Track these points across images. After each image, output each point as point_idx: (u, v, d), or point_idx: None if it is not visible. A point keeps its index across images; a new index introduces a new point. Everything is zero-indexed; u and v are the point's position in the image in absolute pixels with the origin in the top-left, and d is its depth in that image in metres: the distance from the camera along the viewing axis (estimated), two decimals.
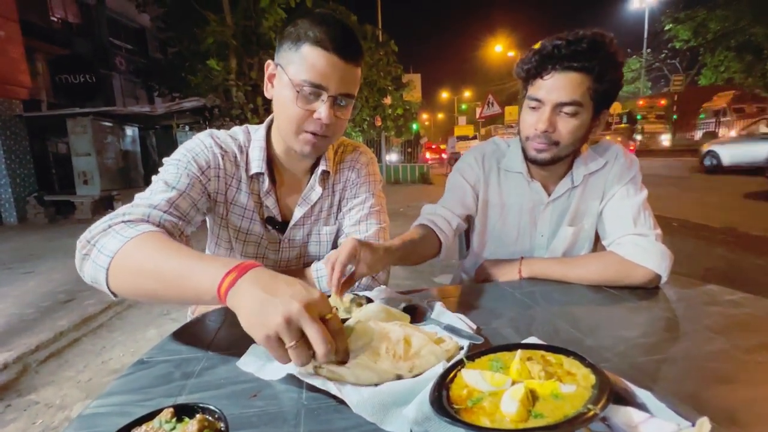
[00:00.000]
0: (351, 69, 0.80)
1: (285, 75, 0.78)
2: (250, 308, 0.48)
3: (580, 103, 0.87)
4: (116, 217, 0.69)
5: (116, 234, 0.64)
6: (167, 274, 0.58)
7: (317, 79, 0.76)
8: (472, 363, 0.48)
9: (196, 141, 0.88)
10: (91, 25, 12.88)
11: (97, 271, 0.63)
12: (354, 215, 0.98)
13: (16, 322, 2.64)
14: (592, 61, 0.84)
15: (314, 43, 0.76)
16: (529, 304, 0.81)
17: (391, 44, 11.36)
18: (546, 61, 0.87)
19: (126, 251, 0.62)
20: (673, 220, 4.97)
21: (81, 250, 0.66)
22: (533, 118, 0.92)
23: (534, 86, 0.91)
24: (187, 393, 0.52)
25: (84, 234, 0.67)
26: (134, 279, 0.62)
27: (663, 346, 0.62)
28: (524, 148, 0.98)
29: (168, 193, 0.78)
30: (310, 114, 0.79)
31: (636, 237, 0.91)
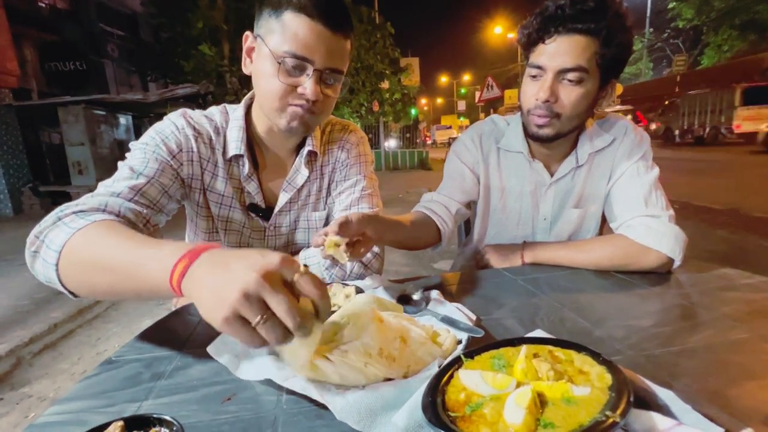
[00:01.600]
0: (339, 40, 0.71)
1: (265, 46, 0.70)
2: (203, 295, 0.40)
3: (586, 69, 0.79)
4: (68, 207, 0.62)
5: (64, 226, 0.58)
6: (116, 267, 0.51)
7: (301, 50, 0.68)
8: (471, 361, 0.43)
9: (166, 122, 0.81)
10: (80, 10, 12.53)
11: (48, 270, 0.57)
12: (344, 199, 0.91)
13: (10, 314, 2.61)
14: (599, 22, 0.76)
15: (297, 10, 0.67)
16: (533, 292, 0.75)
17: (387, 26, 11.08)
18: (548, 23, 0.79)
19: (72, 244, 0.56)
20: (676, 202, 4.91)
21: (30, 247, 0.59)
22: (534, 88, 0.84)
23: (535, 52, 0.83)
24: (154, 397, 0.47)
25: (34, 228, 0.60)
26: (83, 274, 0.56)
27: (680, 337, 0.57)
28: (525, 124, 0.91)
29: (133, 180, 0.71)
30: (294, 89, 0.71)
31: (647, 219, 0.84)
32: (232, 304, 0.37)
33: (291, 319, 0.38)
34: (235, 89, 6.53)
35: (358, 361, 0.45)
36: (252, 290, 0.37)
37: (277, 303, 0.38)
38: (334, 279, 0.82)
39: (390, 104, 12.64)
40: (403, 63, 15.91)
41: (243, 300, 0.37)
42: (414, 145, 15.80)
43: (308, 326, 0.40)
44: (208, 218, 0.86)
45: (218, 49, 6.57)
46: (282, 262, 0.40)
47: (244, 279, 0.38)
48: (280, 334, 0.39)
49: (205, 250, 0.44)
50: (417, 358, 0.48)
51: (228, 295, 0.37)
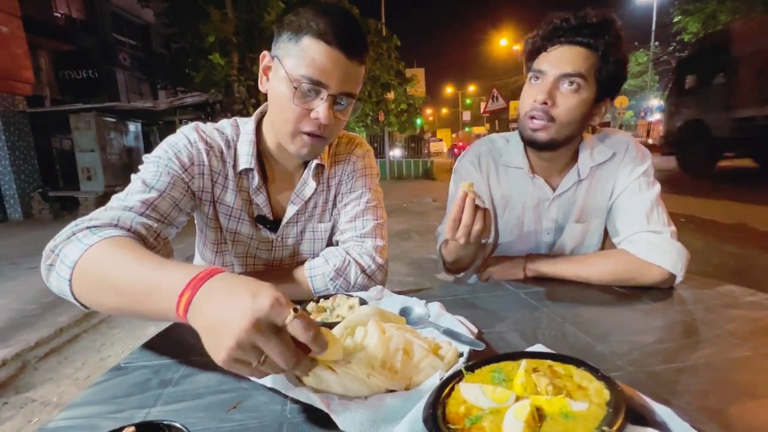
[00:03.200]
0: (355, 67, 0.74)
1: (282, 68, 0.72)
2: (204, 333, 0.43)
3: (584, 76, 0.83)
4: (82, 222, 0.63)
5: (78, 242, 0.59)
6: (125, 288, 0.52)
7: (317, 75, 0.70)
8: (472, 374, 0.44)
9: (179, 135, 0.83)
10: (95, 20, 12.87)
11: (62, 283, 0.58)
12: (350, 211, 0.93)
13: (17, 317, 2.64)
14: (599, 38, 0.82)
15: (316, 36, 0.69)
16: (535, 306, 0.76)
17: (393, 39, 11.25)
18: (552, 34, 0.85)
19: (85, 260, 0.57)
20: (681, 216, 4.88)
21: (46, 261, 0.61)
22: (533, 91, 0.87)
23: (538, 60, 0.88)
24: (162, 404, 0.48)
25: (49, 242, 0.62)
26: (95, 293, 0.57)
27: (682, 354, 0.57)
28: (521, 129, 0.92)
29: (145, 194, 0.72)
30: (307, 113, 0.73)
31: (649, 234, 0.85)
32: (228, 351, 0.40)
33: (285, 363, 0.41)
34: (242, 99, 6.64)
35: (361, 372, 0.46)
36: (244, 341, 0.40)
37: (269, 350, 0.41)
38: (339, 290, 0.83)
39: (395, 114, 12.75)
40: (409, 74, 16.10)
41: (237, 348, 0.40)
42: (419, 154, 15.88)
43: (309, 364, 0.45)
44: (217, 230, 0.88)
45: (228, 60, 6.70)
46: (271, 308, 0.41)
47: (235, 330, 0.40)
48: (278, 371, 0.43)
49: (207, 278, 0.45)
50: (419, 370, 0.49)
51: (224, 342, 0.40)
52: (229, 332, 0.40)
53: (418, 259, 3.87)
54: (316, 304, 0.71)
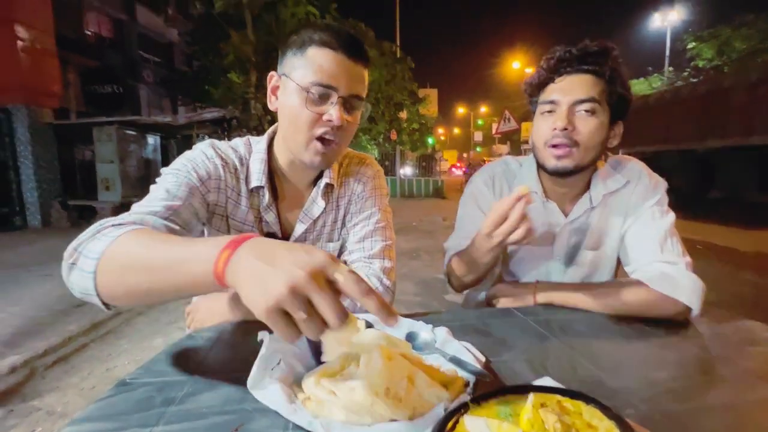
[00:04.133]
0: (359, 69, 0.78)
1: (291, 82, 0.76)
2: (248, 282, 0.42)
3: (597, 100, 0.85)
4: (107, 222, 0.64)
5: (103, 236, 0.59)
6: (157, 264, 0.52)
7: (326, 79, 0.74)
8: (477, 407, 0.43)
9: (196, 151, 0.86)
10: (122, 39, 13.52)
11: (84, 279, 0.57)
12: (358, 231, 0.94)
13: (29, 324, 2.68)
14: (603, 65, 0.84)
15: (320, 44, 0.74)
16: (545, 335, 0.74)
17: (407, 61, 11.51)
18: (558, 65, 0.87)
19: (112, 249, 0.57)
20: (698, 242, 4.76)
21: (67, 260, 0.60)
22: (548, 121, 0.88)
23: (546, 92, 0.90)
24: (164, 423, 0.48)
25: (72, 242, 0.62)
26: (122, 277, 0.56)
27: (698, 393, 0.55)
28: (541, 159, 0.92)
29: (168, 201, 0.74)
30: (320, 117, 0.76)
31: (663, 265, 0.83)
32: (277, 297, 0.39)
33: (335, 319, 0.40)
34: (258, 115, 6.82)
35: (364, 399, 0.45)
36: (299, 287, 0.39)
37: (323, 302, 0.39)
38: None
39: (408, 133, 12.91)
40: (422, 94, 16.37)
41: (289, 295, 0.39)
42: (430, 173, 15.96)
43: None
44: None
45: (245, 78, 6.93)
46: (327, 261, 0.41)
47: (292, 274, 0.39)
48: (319, 329, 0.41)
49: (248, 238, 0.45)
50: (423, 400, 0.48)
51: (274, 287, 0.39)
52: (282, 278, 0.39)
53: (427, 278, 3.84)
54: None
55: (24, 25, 6.39)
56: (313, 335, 0.41)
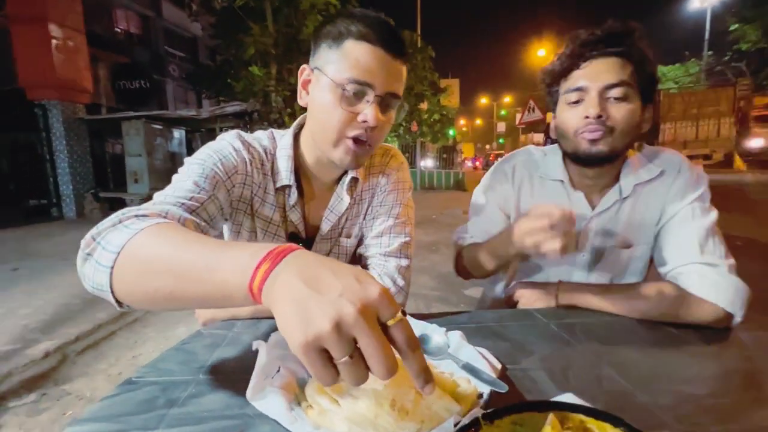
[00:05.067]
0: (398, 66, 0.72)
1: (324, 76, 0.70)
2: (286, 307, 0.35)
3: (629, 83, 0.78)
4: (129, 211, 0.57)
5: (125, 228, 0.53)
6: (184, 269, 0.45)
7: (363, 76, 0.68)
8: (491, 426, 0.39)
9: (223, 143, 0.80)
10: (149, 35, 13.89)
11: (99, 273, 0.51)
12: (378, 226, 0.90)
13: (62, 311, 2.81)
14: (630, 46, 0.79)
15: (358, 38, 0.68)
16: (567, 340, 0.69)
17: (428, 50, 11.30)
18: (583, 49, 0.80)
19: (134, 244, 0.50)
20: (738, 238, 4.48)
21: (84, 249, 0.54)
22: (578, 111, 0.82)
23: (571, 79, 0.83)
24: (165, 426, 0.47)
25: (91, 230, 0.55)
26: (142, 277, 0.49)
27: (742, 412, 0.49)
28: (572, 147, 0.85)
29: (195, 193, 0.69)
30: (354, 117, 0.71)
31: (703, 267, 0.76)
32: (318, 333, 0.33)
33: (383, 369, 0.33)
34: (279, 108, 6.87)
35: (368, 411, 0.43)
36: (345, 325, 0.33)
37: (372, 347, 0.33)
38: None
39: (428, 125, 12.73)
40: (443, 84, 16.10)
41: (333, 332, 0.33)
42: (451, 165, 15.73)
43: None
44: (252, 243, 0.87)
45: (267, 71, 6.98)
46: (381, 298, 0.35)
47: (339, 308, 0.33)
48: (362, 377, 0.35)
49: (290, 251, 0.39)
50: (432, 413, 0.44)
51: (316, 320, 0.33)
52: (327, 311, 0.33)
53: (446, 272, 3.78)
54: None
55: (56, 23, 6.64)
56: (354, 382, 0.35)
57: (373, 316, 0.34)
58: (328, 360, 0.34)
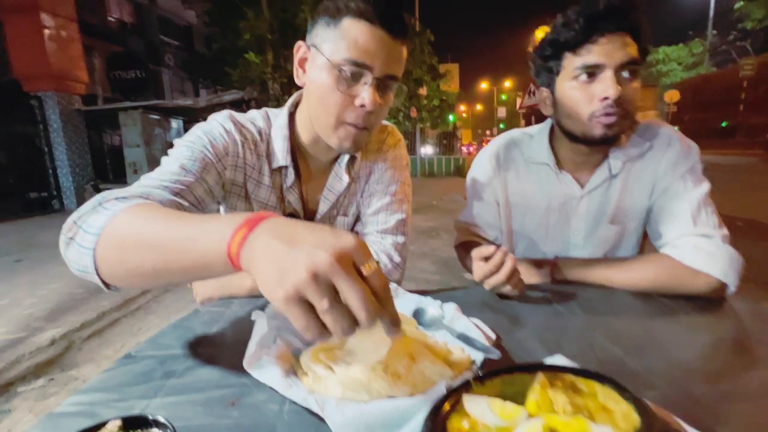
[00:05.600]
0: (398, 46, 0.69)
1: (321, 55, 0.68)
2: (264, 266, 0.36)
3: (638, 61, 0.77)
4: (110, 194, 0.58)
5: (104, 210, 0.53)
6: (164, 242, 0.46)
7: (361, 56, 0.66)
8: (481, 386, 0.40)
9: (213, 124, 0.78)
10: (143, 23, 13.67)
11: (83, 256, 0.52)
12: (375, 203, 0.89)
13: (66, 300, 2.84)
14: (637, 20, 0.76)
15: (357, 15, 0.65)
16: (561, 312, 0.70)
17: (427, 33, 11.10)
18: (596, 21, 0.75)
19: (113, 224, 0.51)
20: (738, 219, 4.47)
21: (66, 233, 0.55)
22: (591, 90, 0.78)
23: (582, 53, 0.78)
24: (163, 395, 0.48)
25: (71, 216, 0.56)
26: (124, 255, 0.49)
27: (731, 376, 0.50)
28: (582, 130, 0.82)
29: (180, 176, 0.68)
30: (351, 100, 0.69)
31: (697, 238, 0.76)
32: (296, 283, 0.33)
33: (365, 311, 0.34)
34: (276, 96, 6.80)
35: (361, 376, 0.43)
36: (322, 271, 0.33)
37: (350, 290, 0.34)
38: None
39: (428, 110, 12.60)
40: (443, 69, 15.86)
41: (310, 280, 0.33)
42: (451, 151, 15.62)
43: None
44: None
45: (263, 58, 6.89)
46: (356, 247, 0.35)
47: (313, 257, 0.33)
48: (346, 324, 0.34)
49: (266, 218, 0.40)
50: (425, 378, 0.45)
51: (293, 272, 0.33)
52: (302, 262, 0.33)
53: (446, 257, 3.80)
54: None
55: (48, 13, 6.53)
56: (340, 331, 0.35)
57: (349, 263, 0.34)
58: (311, 311, 0.35)
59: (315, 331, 0.35)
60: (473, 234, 1.03)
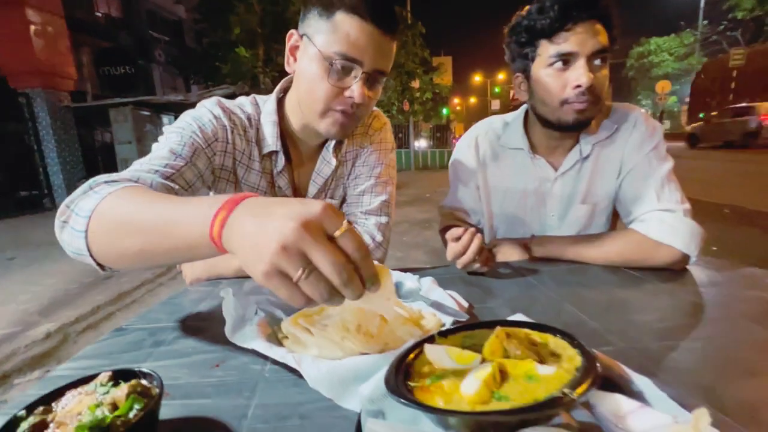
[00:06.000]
0: (388, 42, 0.72)
1: (312, 46, 0.70)
2: (243, 245, 0.37)
3: (608, 49, 0.80)
4: (100, 178, 0.59)
5: (94, 194, 0.55)
6: (149, 225, 0.47)
7: (352, 51, 0.68)
8: (444, 339, 0.43)
9: (202, 110, 0.79)
10: (131, 18, 13.45)
11: (76, 239, 0.54)
12: (360, 184, 0.92)
13: (61, 295, 2.85)
14: (607, 8, 0.79)
15: (350, 10, 0.67)
16: (534, 285, 0.74)
17: (418, 26, 11.05)
18: (571, 9, 0.78)
19: (102, 207, 0.53)
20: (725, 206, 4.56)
21: (60, 217, 0.57)
22: (564, 78, 0.81)
23: (557, 41, 0.80)
24: (152, 360, 0.51)
25: (65, 200, 0.58)
26: (112, 237, 0.51)
27: (682, 332, 0.54)
28: (555, 116, 0.85)
29: (171, 160, 0.69)
30: (341, 92, 0.72)
31: (661, 213, 0.80)
32: (270, 258, 0.34)
33: (336, 275, 0.34)
34: (268, 90, 6.77)
35: (335, 335, 0.47)
36: (290, 242, 0.34)
37: (319, 256, 0.34)
38: None
39: (420, 103, 12.57)
40: (436, 62, 15.83)
41: (281, 252, 0.34)
42: (445, 144, 15.64)
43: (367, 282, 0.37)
44: None
45: (254, 52, 6.84)
46: (324, 212, 0.35)
47: (281, 230, 0.34)
48: (325, 290, 0.35)
49: (245, 198, 0.40)
50: (396, 337, 0.49)
51: (266, 247, 0.34)
52: (272, 236, 0.34)
53: (439, 248, 3.83)
54: None
55: (34, 8, 6.43)
56: (320, 298, 0.35)
57: (317, 230, 0.35)
58: (291, 282, 0.35)
59: (299, 301, 0.36)
60: (456, 218, 1.07)
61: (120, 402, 0.34)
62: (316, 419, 0.39)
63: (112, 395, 0.35)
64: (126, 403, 0.34)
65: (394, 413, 0.36)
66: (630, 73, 35.01)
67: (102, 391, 0.36)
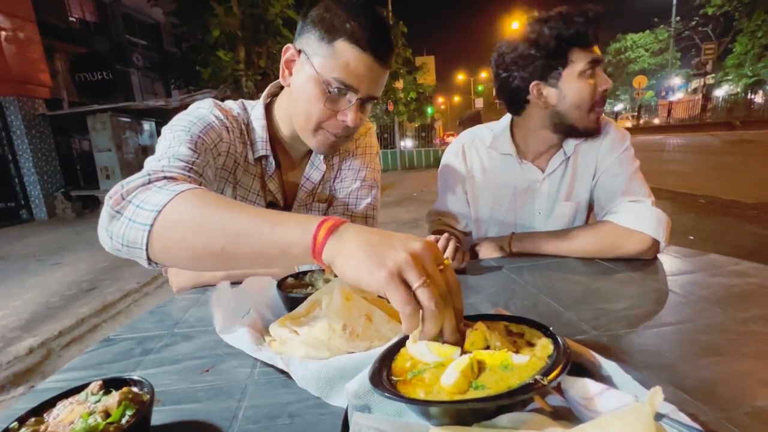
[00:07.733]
0: (383, 72, 0.74)
1: (310, 66, 0.71)
2: (361, 255, 0.41)
3: None
4: (155, 172, 0.58)
5: (160, 189, 0.54)
6: (240, 226, 0.48)
7: (350, 79, 0.70)
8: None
9: (203, 111, 0.79)
10: (107, 23, 13.14)
11: (134, 231, 0.51)
12: (346, 188, 0.94)
13: (42, 309, 2.78)
14: None
15: (351, 40, 0.68)
16: (514, 279, 0.77)
17: (399, 25, 11.10)
18: (596, 26, 0.85)
19: (178, 205, 0.51)
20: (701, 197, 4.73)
21: (113, 207, 0.54)
22: (591, 84, 0.88)
23: (588, 50, 0.87)
24: (141, 369, 0.52)
25: (115, 188, 0.55)
26: (191, 235, 0.50)
27: (649, 318, 0.57)
28: (583, 122, 0.90)
29: (194, 157, 0.68)
30: (334, 115, 0.74)
31: (630, 203, 0.86)
32: (398, 262, 0.39)
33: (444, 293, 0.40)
34: (251, 93, 6.71)
35: (322, 335, 0.48)
36: (418, 255, 0.40)
37: (436, 273, 0.41)
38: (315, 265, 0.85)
39: (404, 104, 12.62)
40: (419, 62, 15.91)
41: (408, 263, 0.39)
42: (430, 144, 15.75)
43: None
44: None
45: (234, 55, 6.76)
46: (435, 246, 0.43)
47: (409, 244, 0.41)
48: (439, 299, 0.40)
49: (343, 221, 0.45)
50: (381, 335, 0.50)
51: (394, 255, 0.40)
52: (402, 247, 0.40)
53: None
54: (294, 279, 0.73)
55: (4, 13, 6.24)
56: (432, 306, 0.39)
57: (433, 255, 0.42)
58: (409, 288, 0.40)
59: (412, 303, 0.39)
60: (444, 224, 1.10)
61: (112, 409, 0.35)
62: (305, 417, 0.41)
63: (104, 403, 0.36)
64: (118, 410, 0.35)
65: (380, 407, 0.38)
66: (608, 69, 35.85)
67: (93, 400, 0.37)
